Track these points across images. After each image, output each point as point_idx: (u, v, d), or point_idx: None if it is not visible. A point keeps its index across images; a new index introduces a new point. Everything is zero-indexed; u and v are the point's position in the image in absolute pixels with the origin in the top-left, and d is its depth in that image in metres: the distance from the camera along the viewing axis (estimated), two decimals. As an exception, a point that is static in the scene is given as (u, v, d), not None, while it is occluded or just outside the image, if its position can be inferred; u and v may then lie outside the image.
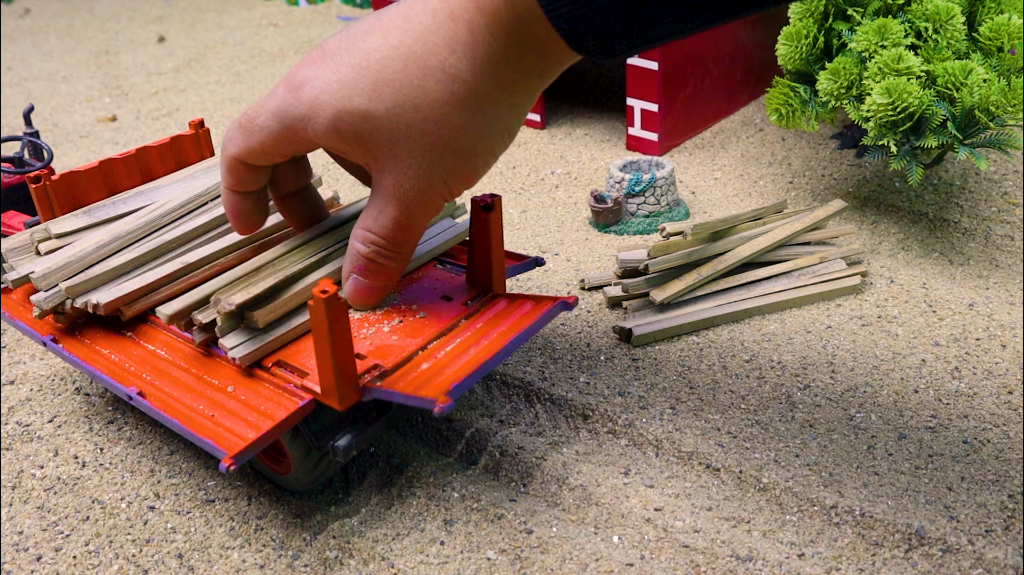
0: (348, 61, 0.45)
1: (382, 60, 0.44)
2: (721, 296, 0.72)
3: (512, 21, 0.40)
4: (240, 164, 0.51)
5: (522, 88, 0.44)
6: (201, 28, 1.79)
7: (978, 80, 0.70)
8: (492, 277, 0.56)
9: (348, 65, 0.45)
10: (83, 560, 0.52)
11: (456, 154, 0.45)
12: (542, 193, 0.96)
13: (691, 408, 0.61)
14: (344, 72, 0.45)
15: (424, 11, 0.43)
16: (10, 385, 0.69)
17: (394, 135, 0.45)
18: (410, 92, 0.43)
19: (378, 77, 0.44)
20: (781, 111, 0.82)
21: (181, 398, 0.50)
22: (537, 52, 0.42)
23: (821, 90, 0.76)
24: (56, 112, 1.35)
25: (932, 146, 0.72)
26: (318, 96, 0.45)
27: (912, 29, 0.75)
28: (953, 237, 0.81)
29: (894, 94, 0.70)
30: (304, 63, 0.47)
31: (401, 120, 0.44)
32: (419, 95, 0.43)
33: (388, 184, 0.47)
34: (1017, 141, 0.72)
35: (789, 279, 0.73)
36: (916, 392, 0.61)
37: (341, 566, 0.51)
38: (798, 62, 0.80)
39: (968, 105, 0.70)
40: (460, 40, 0.42)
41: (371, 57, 0.44)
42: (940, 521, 0.51)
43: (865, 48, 0.74)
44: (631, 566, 0.50)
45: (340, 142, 0.46)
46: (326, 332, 0.44)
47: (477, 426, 0.61)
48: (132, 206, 0.63)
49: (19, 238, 0.60)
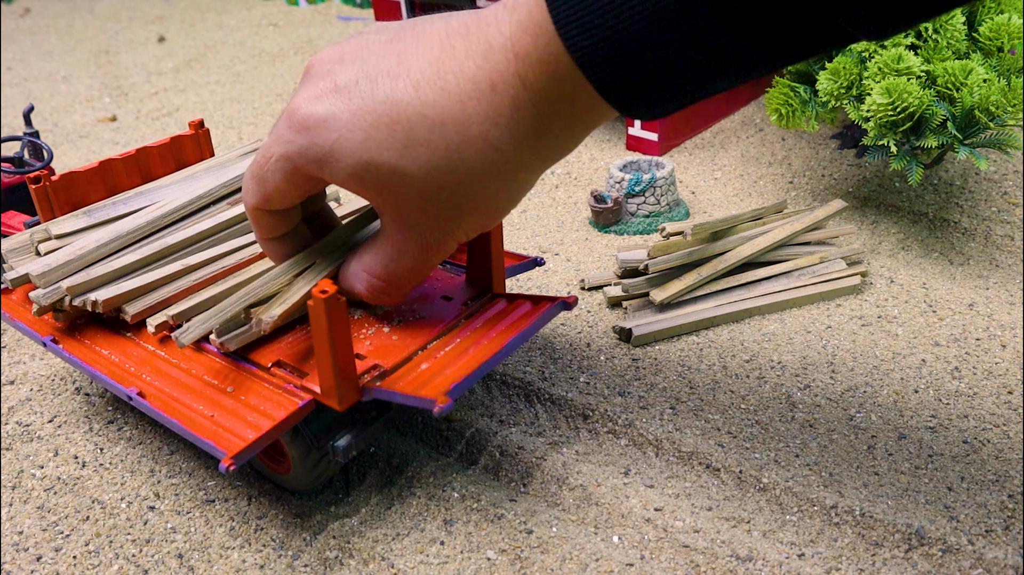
0: (372, 108, 0.42)
1: (414, 117, 0.41)
2: (721, 296, 0.72)
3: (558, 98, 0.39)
4: (262, 214, 0.49)
5: (560, 153, 0.44)
6: (201, 28, 1.79)
7: (978, 80, 0.70)
8: (492, 277, 0.56)
9: (373, 113, 0.42)
10: (83, 560, 0.52)
11: (485, 213, 0.45)
12: (542, 193, 0.96)
13: (691, 408, 0.61)
14: (369, 120, 0.42)
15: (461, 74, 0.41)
16: (10, 385, 0.69)
17: (424, 194, 0.43)
18: (447, 157, 0.42)
19: (410, 135, 0.42)
20: (781, 111, 0.82)
21: (181, 398, 0.50)
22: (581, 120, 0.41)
23: (821, 90, 0.76)
24: (56, 112, 1.35)
25: (932, 146, 0.72)
26: (338, 142, 0.43)
27: (913, 30, 0.75)
28: (953, 237, 0.81)
29: (894, 94, 0.70)
30: (311, 96, 0.44)
31: (434, 181, 0.43)
32: (456, 161, 0.42)
33: (409, 237, 0.46)
34: (1017, 141, 0.72)
35: (789, 279, 0.73)
36: (916, 392, 0.61)
37: (341, 566, 0.51)
38: None
39: (968, 105, 0.70)
40: (503, 114, 0.41)
41: (401, 111, 0.42)
42: (940, 521, 0.51)
43: (865, 48, 0.74)
44: (631, 566, 0.50)
45: (360, 188, 0.44)
46: (326, 332, 0.44)
47: (477, 426, 0.61)
48: (132, 206, 0.63)
49: (19, 238, 0.60)
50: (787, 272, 0.74)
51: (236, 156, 0.69)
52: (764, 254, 0.74)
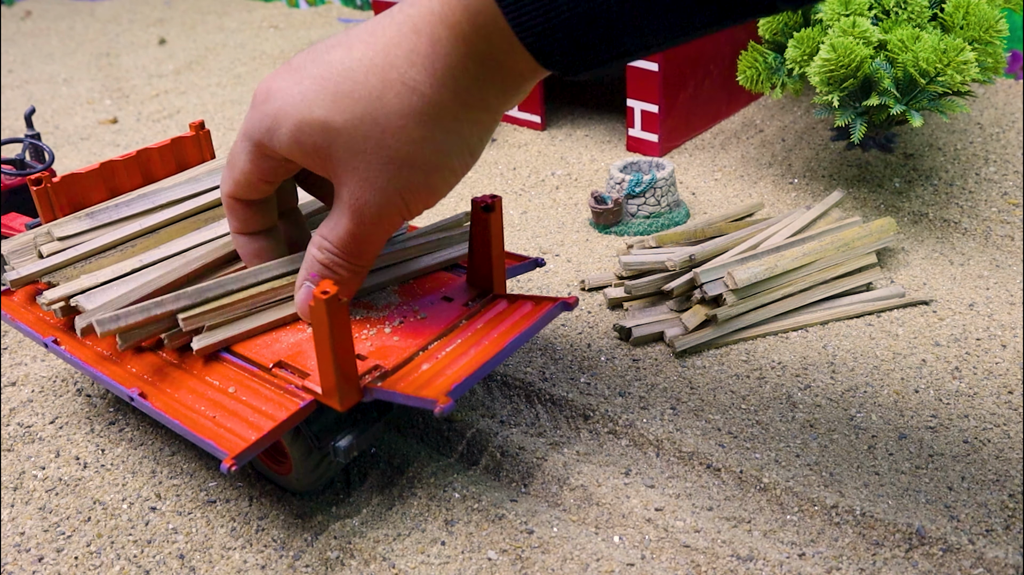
0: (312, 73, 0.45)
1: (344, 72, 0.43)
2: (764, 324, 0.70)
3: (474, 33, 0.40)
4: (236, 203, 0.50)
5: (483, 103, 0.43)
6: (202, 30, 1.79)
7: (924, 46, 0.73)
8: (492, 278, 0.56)
9: (311, 77, 0.44)
10: (84, 561, 0.52)
11: (414, 169, 0.44)
12: (542, 194, 0.96)
13: (691, 408, 0.61)
14: (307, 84, 0.44)
15: (390, 24, 0.43)
16: (12, 387, 0.69)
17: (352, 147, 0.44)
18: (369, 104, 0.43)
19: (338, 88, 0.43)
20: (748, 74, 0.87)
21: (182, 399, 0.50)
22: (500, 66, 0.41)
23: (788, 57, 0.80)
24: (57, 114, 1.36)
25: (874, 104, 0.76)
26: (280, 107, 0.45)
27: (879, 5, 0.80)
28: (953, 237, 0.81)
29: (839, 50, 0.74)
30: (269, 77, 0.47)
31: (359, 132, 0.43)
32: (378, 107, 0.43)
33: (345, 196, 0.46)
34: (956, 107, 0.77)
35: (830, 302, 0.71)
36: (916, 392, 0.61)
37: (342, 566, 0.51)
38: (776, 33, 0.85)
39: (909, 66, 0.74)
40: (421, 52, 0.42)
41: (333, 69, 0.44)
42: (940, 521, 0.51)
43: (830, 18, 0.78)
44: (632, 566, 0.50)
45: (301, 154, 0.45)
46: (327, 333, 0.44)
47: (478, 427, 0.61)
48: (134, 208, 0.63)
49: (20, 239, 0.60)
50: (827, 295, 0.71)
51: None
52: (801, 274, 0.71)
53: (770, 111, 1.11)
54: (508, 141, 1.11)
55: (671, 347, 0.66)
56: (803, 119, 1.06)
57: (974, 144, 0.95)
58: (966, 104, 0.79)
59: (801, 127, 1.04)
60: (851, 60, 0.74)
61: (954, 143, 0.95)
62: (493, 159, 1.06)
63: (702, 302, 0.68)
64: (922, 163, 0.92)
